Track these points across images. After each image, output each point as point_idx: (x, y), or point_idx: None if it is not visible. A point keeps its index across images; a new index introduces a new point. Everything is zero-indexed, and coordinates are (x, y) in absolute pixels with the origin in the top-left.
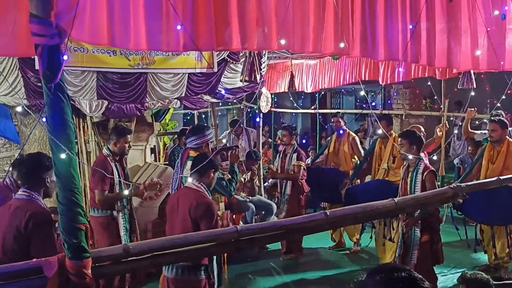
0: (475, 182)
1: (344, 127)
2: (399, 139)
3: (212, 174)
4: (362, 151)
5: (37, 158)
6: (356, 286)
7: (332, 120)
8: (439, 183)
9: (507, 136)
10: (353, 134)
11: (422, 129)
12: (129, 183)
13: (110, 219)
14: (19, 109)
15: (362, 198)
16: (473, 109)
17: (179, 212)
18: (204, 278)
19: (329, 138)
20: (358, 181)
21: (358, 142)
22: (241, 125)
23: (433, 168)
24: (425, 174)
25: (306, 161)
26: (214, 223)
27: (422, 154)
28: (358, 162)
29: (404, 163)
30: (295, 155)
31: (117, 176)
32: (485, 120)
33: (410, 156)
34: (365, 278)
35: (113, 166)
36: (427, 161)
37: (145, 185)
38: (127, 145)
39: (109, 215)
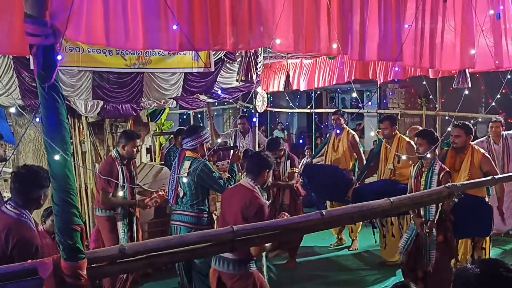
0: (470, 181)
1: (344, 125)
2: (416, 138)
3: (266, 174)
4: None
5: (34, 177)
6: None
7: (332, 117)
8: None
9: (471, 142)
10: (353, 132)
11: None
12: (136, 186)
13: (112, 220)
14: (12, 109)
15: (369, 197)
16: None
17: (231, 208)
18: (255, 270)
19: (328, 135)
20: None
21: (358, 140)
22: (249, 125)
23: (448, 169)
24: (441, 174)
25: (302, 160)
26: None
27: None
28: (358, 161)
29: (413, 162)
30: (288, 162)
31: (122, 180)
32: (479, 119)
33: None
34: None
35: (119, 169)
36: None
37: (150, 197)
38: (135, 149)
39: (111, 215)
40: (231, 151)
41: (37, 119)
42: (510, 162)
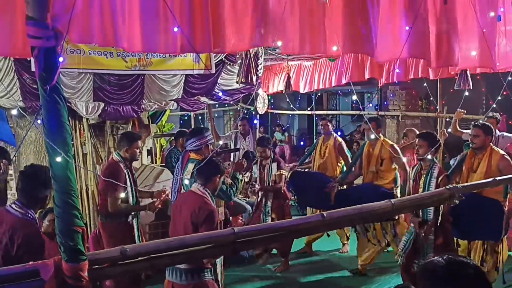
0: (471, 183)
1: (332, 131)
2: (417, 140)
3: (217, 180)
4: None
5: (40, 176)
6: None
7: (320, 123)
8: None
9: (491, 144)
10: (340, 139)
11: (417, 132)
12: (141, 190)
13: (124, 225)
14: (14, 111)
15: (352, 201)
16: (462, 110)
17: (181, 216)
18: (210, 279)
19: (315, 141)
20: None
21: (345, 147)
22: (249, 126)
23: (447, 173)
24: (440, 178)
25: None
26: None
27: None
28: (344, 167)
29: (415, 165)
30: (274, 165)
31: (129, 183)
32: (480, 121)
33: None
34: (434, 268)
35: (126, 173)
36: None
37: (160, 198)
38: (138, 150)
39: (123, 221)
40: (232, 154)
41: (39, 121)
42: None
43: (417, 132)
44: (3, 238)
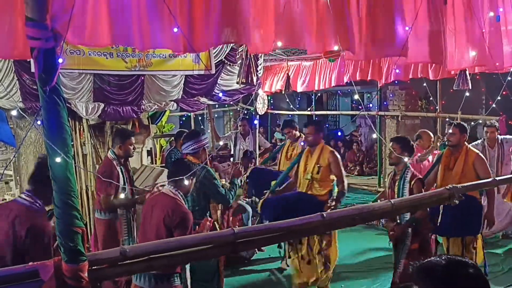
0: (471, 183)
1: (297, 135)
2: (391, 143)
3: (190, 182)
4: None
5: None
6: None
7: (284, 131)
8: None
9: (465, 143)
10: None
11: (432, 134)
12: (135, 187)
13: (112, 223)
14: (14, 112)
15: (278, 211)
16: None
17: (153, 218)
18: (178, 285)
19: (282, 143)
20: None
21: None
22: (249, 127)
23: (420, 176)
24: (412, 182)
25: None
26: (188, 233)
27: (409, 162)
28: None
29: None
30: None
31: (123, 180)
32: (480, 121)
33: (406, 159)
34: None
35: (119, 170)
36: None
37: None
38: (132, 147)
39: (111, 218)
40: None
41: (38, 122)
42: (503, 166)
43: (431, 134)
44: (11, 227)
